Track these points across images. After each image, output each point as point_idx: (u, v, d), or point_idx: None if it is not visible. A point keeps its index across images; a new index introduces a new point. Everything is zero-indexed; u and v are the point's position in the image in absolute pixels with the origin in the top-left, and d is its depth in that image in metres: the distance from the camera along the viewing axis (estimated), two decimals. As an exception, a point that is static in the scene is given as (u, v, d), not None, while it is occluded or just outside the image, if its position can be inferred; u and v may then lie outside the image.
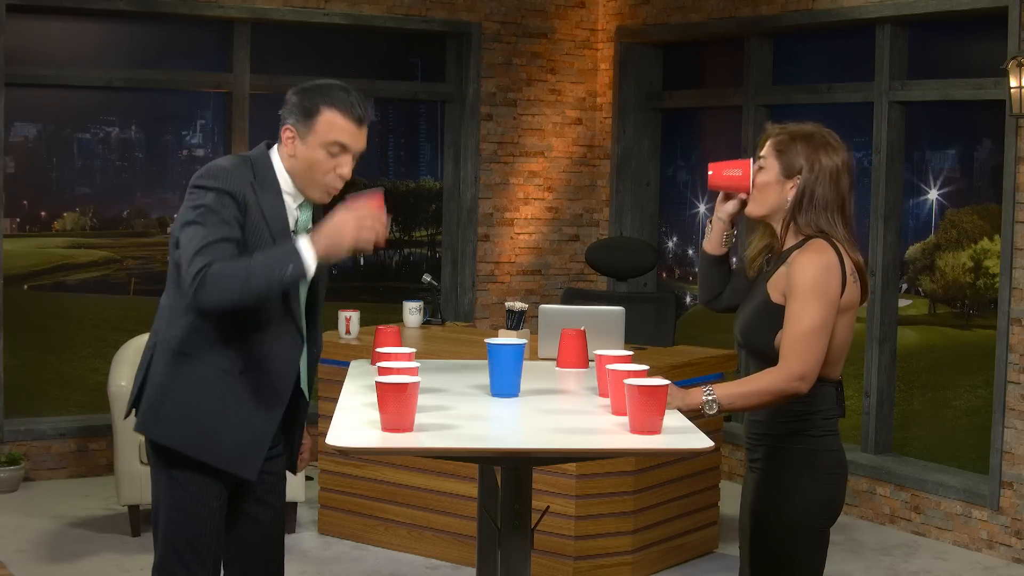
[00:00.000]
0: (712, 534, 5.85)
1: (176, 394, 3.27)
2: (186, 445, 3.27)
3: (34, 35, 6.86)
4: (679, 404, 3.16)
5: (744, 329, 3.28)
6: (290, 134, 3.28)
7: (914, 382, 6.66)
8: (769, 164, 3.25)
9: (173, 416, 3.27)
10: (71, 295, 7.09)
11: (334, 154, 3.27)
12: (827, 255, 3.15)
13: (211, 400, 3.26)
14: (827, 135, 3.26)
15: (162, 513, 3.33)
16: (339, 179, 3.30)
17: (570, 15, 8.15)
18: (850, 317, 3.23)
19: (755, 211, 3.29)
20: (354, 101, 3.27)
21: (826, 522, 3.25)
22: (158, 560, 3.34)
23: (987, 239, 6.26)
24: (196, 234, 3.15)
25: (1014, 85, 5.72)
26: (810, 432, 3.21)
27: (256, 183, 3.25)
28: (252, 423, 3.29)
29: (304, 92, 3.29)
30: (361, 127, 3.29)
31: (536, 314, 5.23)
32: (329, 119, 3.25)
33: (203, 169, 3.27)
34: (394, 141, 7.98)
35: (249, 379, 3.28)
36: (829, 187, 3.20)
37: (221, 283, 3.10)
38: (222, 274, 3.10)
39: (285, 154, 3.30)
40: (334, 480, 5.92)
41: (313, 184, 3.30)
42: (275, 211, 3.27)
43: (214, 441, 3.26)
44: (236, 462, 3.28)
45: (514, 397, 3.36)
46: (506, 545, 3.09)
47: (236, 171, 3.24)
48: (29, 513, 6.25)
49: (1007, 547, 5.92)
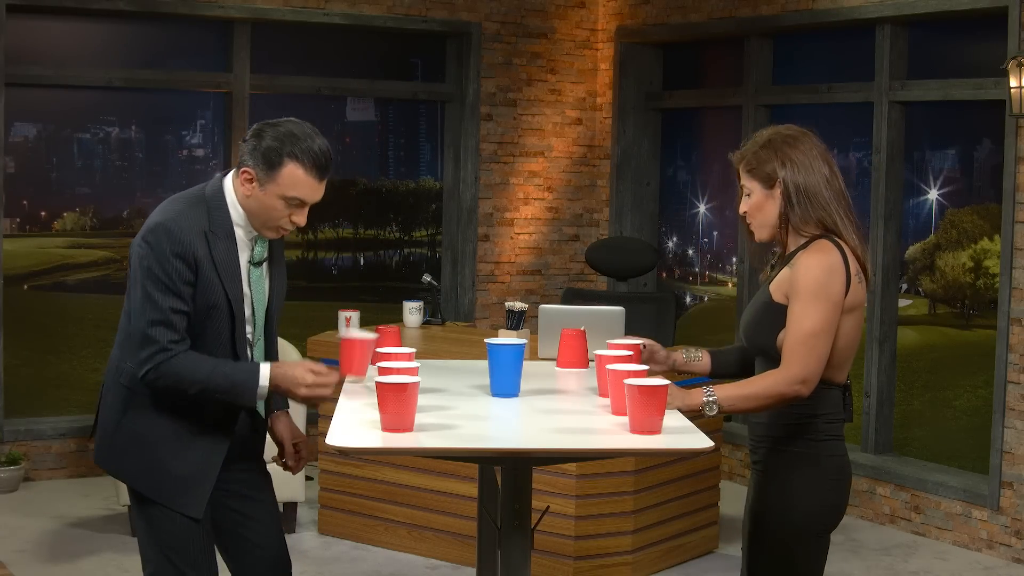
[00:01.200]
0: (712, 534, 5.84)
1: (124, 429, 3.31)
2: (135, 480, 3.32)
3: (34, 35, 6.86)
4: (679, 404, 3.15)
5: (747, 329, 3.27)
6: (248, 176, 3.24)
7: (914, 382, 6.66)
8: (750, 186, 3.24)
9: (122, 451, 3.32)
10: (71, 295, 7.09)
11: (292, 205, 3.26)
12: (831, 256, 3.13)
13: (157, 435, 3.29)
14: (783, 130, 3.25)
15: (144, 525, 3.35)
16: (292, 225, 3.30)
17: (570, 15, 8.15)
18: (856, 318, 3.19)
19: (762, 235, 3.26)
20: (318, 153, 3.23)
21: (826, 528, 3.23)
22: (151, 570, 3.35)
23: (987, 239, 6.26)
24: (146, 307, 3.18)
25: (1014, 85, 5.72)
26: (812, 436, 3.19)
27: (210, 231, 3.24)
28: (198, 458, 3.31)
29: (271, 138, 3.23)
30: (322, 182, 3.26)
31: (536, 314, 5.23)
32: (291, 173, 3.21)
33: (156, 223, 3.23)
34: (394, 141, 7.98)
35: (195, 414, 3.31)
36: (811, 174, 3.17)
37: (176, 380, 3.20)
38: (178, 374, 3.19)
39: (241, 192, 3.28)
40: (334, 480, 5.92)
41: (265, 226, 3.30)
42: (227, 258, 3.27)
43: (160, 477, 3.29)
44: (181, 498, 3.30)
45: (514, 397, 3.36)
46: (506, 545, 3.09)
47: (189, 223, 3.22)
48: (29, 513, 6.25)
49: (1007, 547, 5.92)
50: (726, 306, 7.67)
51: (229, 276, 3.27)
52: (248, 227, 3.31)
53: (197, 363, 3.22)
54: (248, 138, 3.27)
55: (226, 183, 3.32)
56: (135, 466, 3.32)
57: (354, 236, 7.82)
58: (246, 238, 3.32)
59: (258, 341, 3.43)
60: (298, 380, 3.26)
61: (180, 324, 3.21)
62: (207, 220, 3.25)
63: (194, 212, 3.26)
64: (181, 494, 3.30)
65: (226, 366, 3.25)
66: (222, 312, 3.28)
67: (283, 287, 3.50)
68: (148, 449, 3.30)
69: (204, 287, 3.24)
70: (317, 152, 3.23)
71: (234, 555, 3.48)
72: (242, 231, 3.31)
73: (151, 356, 3.19)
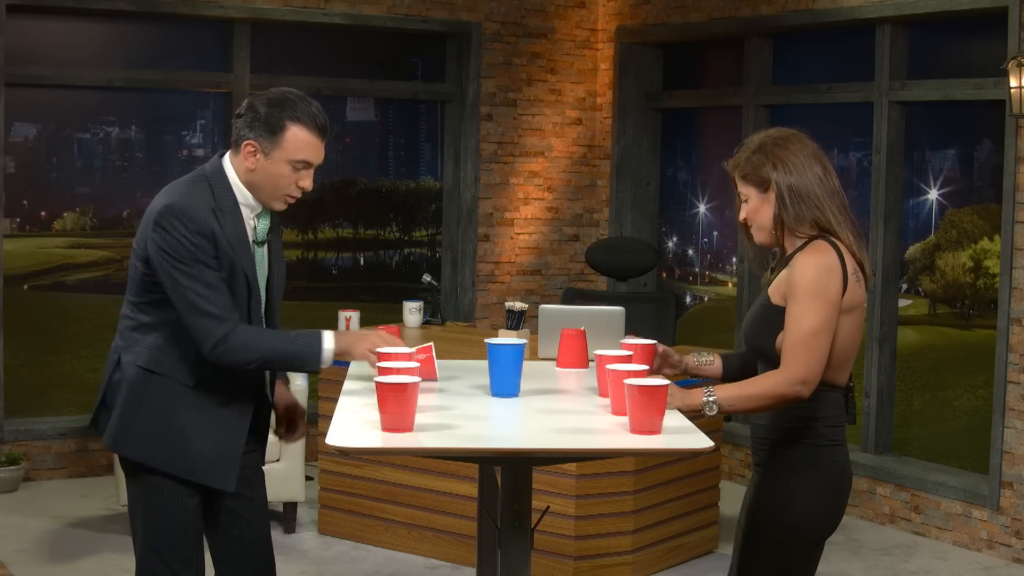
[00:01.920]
0: (712, 534, 5.84)
1: (145, 412, 3.30)
2: (160, 461, 3.30)
3: (34, 35, 6.86)
4: (679, 404, 3.15)
5: (747, 332, 3.27)
6: (252, 149, 3.26)
7: (914, 382, 6.66)
8: (746, 191, 3.24)
9: (144, 433, 3.30)
10: (71, 295, 7.09)
11: (298, 169, 3.29)
12: (827, 256, 3.13)
13: (180, 416, 3.29)
14: (773, 133, 3.25)
15: (138, 516, 3.35)
16: (299, 190, 3.33)
17: (570, 15, 8.15)
18: (855, 318, 3.18)
19: (763, 239, 3.26)
20: (316, 113, 3.29)
21: (821, 533, 3.22)
22: (139, 564, 3.35)
23: (987, 239, 6.26)
24: (187, 288, 3.19)
25: (1014, 85, 5.72)
26: (810, 439, 3.18)
27: (217, 207, 3.26)
28: (221, 435, 3.32)
29: (267, 105, 3.26)
30: (323, 140, 3.32)
31: (536, 314, 5.23)
32: (296, 136, 3.26)
33: (165, 204, 3.23)
34: (394, 141, 7.98)
35: (214, 394, 3.31)
36: (803, 174, 3.17)
37: (244, 351, 3.21)
38: (246, 344, 3.21)
39: (243, 167, 3.29)
40: (334, 480, 5.92)
41: (274, 197, 3.32)
42: (236, 233, 3.28)
43: (188, 455, 3.29)
44: (212, 473, 3.31)
45: (514, 397, 3.36)
46: (506, 545, 3.09)
47: (199, 202, 3.23)
48: (29, 513, 6.25)
49: (1007, 547, 5.92)
50: (726, 306, 7.67)
51: (242, 251, 3.28)
52: (252, 205, 3.32)
53: (260, 332, 3.27)
54: (243, 113, 3.29)
55: (225, 163, 3.33)
56: (159, 448, 3.29)
57: (354, 236, 7.82)
58: (249, 217, 3.33)
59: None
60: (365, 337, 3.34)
61: (225, 293, 3.22)
62: (211, 197, 3.26)
63: (198, 190, 3.27)
64: (213, 468, 3.30)
65: (287, 333, 3.30)
66: (240, 286, 3.29)
67: (282, 270, 3.51)
68: (176, 429, 3.28)
69: (222, 262, 3.24)
70: (316, 112, 3.29)
71: (220, 553, 3.48)
72: (246, 210, 3.32)
73: (213, 330, 3.18)
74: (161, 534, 3.31)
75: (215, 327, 3.19)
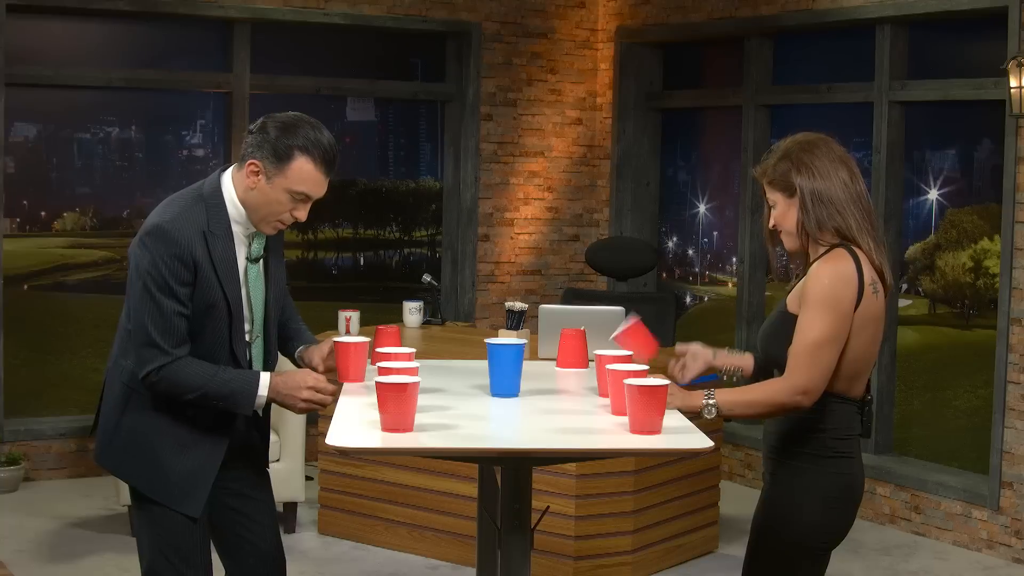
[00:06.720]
0: (712, 534, 5.84)
1: (124, 428, 3.32)
2: (135, 479, 3.33)
3: (34, 35, 6.86)
4: (679, 404, 3.14)
5: (761, 339, 3.25)
6: (255, 169, 3.24)
7: (914, 382, 6.66)
8: (774, 197, 3.21)
9: (123, 450, 3.33)
10: (71, 295, 7.09)
11: (296, 200, 3.27)
12: (843, 265, 3.08)
13: (157, 435, 3.30)
14: (800, 138, 3.22)
15: (143, 521, 3.36)
16: (292, 219, 3.31)
17: (570, 15, 8.15)
18: (871, 332, 3.12)
19: (791, 245, 3.22)
20: (327, 147, 3.24)
21: (824, 545, 3.20)
22: (147, 567, 3.36)
23: (987, 239, 6.26)
24: (147, 309, 3.19)
25: (1014, 85, 5.72)
26: (817, 451, 3.15)
27: (209, 230, 3.24)
28: (198, 457, 3.32)
29: (279, 130, 3.22)
30: (328, 176, 3.28)
31: (536, 314, 5.23)
32: (301, 167, 3.22)
33: (153, 224, 3.23)
34: (394, 141, 7.98)
35: (195, 414, 3.31)
36: (827, 179, 3.15)
37: (175, 385, 3.22)
38: (178, 380, 3.21)
39: (244, 185, 3.27)
40: (334, 480, 5.92)
41: (264, 220, 3.30)
42: (226, 258, 3.27)
43: (160, 476, 3.30)
44: (180, 498, 3.31)
45: (514, 397, 3.36)
46: (506, 545, 3.09)
47: (188, 223, 3.22)
48: (29, 513, 6.25)
49: (1007, 547, 5.92)
50: (726, 306, 7.67)
51: (227, 276, 3.27)
52: (246, 224, 3.31)
53: (197, 369, 3.23)
54: (254, 131, 3.26)
55: (224, 179, 3.31)
56: (135, 465, 3.33)
57: (354, 236, 7.82)
58: (243, 235, 3.32)
59: (257, 338, 3.43)
60: (299, 387, 3.27)
61: (181, 327, 3.22)
62: (206, 219, 3.25)
63: (192, 212, 3.25)
64: (181, 494, 3.30)
65: (225, 373, 3.26)
66: (220, 312, 3.28)
67: (283, 281, 3.50)
68: (148, 448, 3.30)
69: (203, 287, 3.24)
70: (327, 146, 3.24)
71: (230, 554, 3.49)
72: (240, 228, 3.31)
73: (151, 359, 3.20)
74: (168, 538, 3.32)
75: (154, 357, 3.20)
